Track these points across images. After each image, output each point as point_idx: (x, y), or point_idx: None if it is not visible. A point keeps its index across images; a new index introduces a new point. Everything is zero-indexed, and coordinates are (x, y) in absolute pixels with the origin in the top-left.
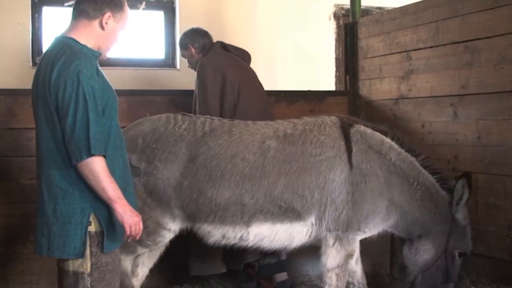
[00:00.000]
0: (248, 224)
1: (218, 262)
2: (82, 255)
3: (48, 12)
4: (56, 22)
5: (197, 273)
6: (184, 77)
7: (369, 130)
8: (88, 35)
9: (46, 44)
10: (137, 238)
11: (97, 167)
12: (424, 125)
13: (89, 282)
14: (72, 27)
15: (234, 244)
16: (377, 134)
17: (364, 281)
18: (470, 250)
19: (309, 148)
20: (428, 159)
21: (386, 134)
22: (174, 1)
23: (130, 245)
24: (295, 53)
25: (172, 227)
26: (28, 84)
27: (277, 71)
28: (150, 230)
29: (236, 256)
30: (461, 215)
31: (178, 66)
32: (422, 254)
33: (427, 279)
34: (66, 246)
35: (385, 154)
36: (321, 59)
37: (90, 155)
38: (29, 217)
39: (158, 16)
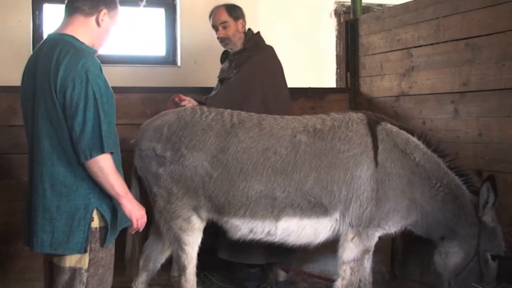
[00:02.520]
0: (277, 218)
1: (260, 253)
2: (84, 250)
3: (48, 9)
4: (56, 19)
5: (227, 258)
6: (184, 74)
7: (395, 128)
8: (84, 32)
9: None
10: (140, 230)
11: (106, 164)
12: (425, 122)
13: (85, 277)
14: (68, 24)
15: (260, 239)
16: (403, 132)
17: (371, 278)
18: (504, 251)
19: (338, 144)
20: (456, 161)
21: (413, 133)
22: None
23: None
24: (296, 50)
25: (200, 215)
26: None
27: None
28: (181, 218)
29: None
30: (489, 218)
31: (179, 63)
32: (451, 257)
33: (460, 283)
34: (69, 242)
35: (410, 153)
36: (322, 56)
37: (102, 153)
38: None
39: (159, 13)
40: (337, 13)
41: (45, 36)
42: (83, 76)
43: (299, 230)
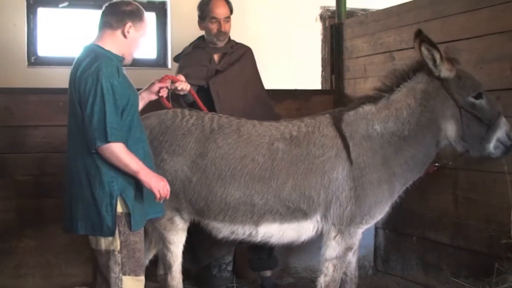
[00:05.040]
0: (257, 223)
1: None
2: (113, 233)
3: (42, 13)
4: (50, 23)
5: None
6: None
7: (352, 116)
8: (112, 43)
9: (41, 44)
10: (167, 198)
11: (116, 149)
12: None
13: (119, 258)
14: (99, 36)
15: (242, 239)
16: (359, 112)
17: (357, 273)
18: (480, 85)
19: (313, 150)
20: (390, 77)
21: (364, 103)
22: (165, 2)
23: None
24: (283, 53)
25: (183, 217)
26: (24, 83)
27: (265, 71)
28: (164, 218)
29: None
30: (445, 71)
31: (169, 66)
32: (450, 133)
33: (471, 142)
34: (102, 226)
35: (373, 131)
36: (308, 59)
37: (107, 142)
38: (25, 212)
39: (150, 17)
40: (322, 17)
41: (39, 39)
42: (94, 75)
43: (280, 233)
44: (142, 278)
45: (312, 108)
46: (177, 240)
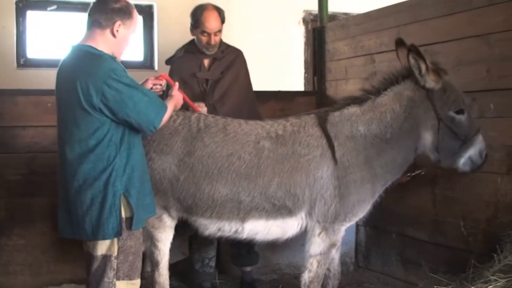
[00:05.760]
0: (243, 220)
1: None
2: (120, 233)
3: (31, 16)
4: (39, 25)
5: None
6: None
7: (337, 117)
8: (103, 43)
9: (30, 46)
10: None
11: (168, 113)
12: None
13: (115, 264)
14: (88, 36)
15: (228, 236)
16: (344, 113)
17: (339, 269)
18: (467, 103)
19: (299, 149)
20: (378, 81)
21: (349, 104)
22: (152, 6)
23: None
24: (267, 56)
25: (171, 214)
26: (13, 85)
27: (250, 73)
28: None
29: None
30: (431, 82)
31: (156, 68)
32: (426, 142)
33: (444, 153)
34: (106, 228)
35: (356, 132)
36: (291, 61)
37: (164, 114)
38: (14, 211)
39: None
40: (305, 21)
41: (28, 41)
42: (112, 74)
43: (265, 230)
44: (137, 281)
45: (295, 109)
46: (165, 238)
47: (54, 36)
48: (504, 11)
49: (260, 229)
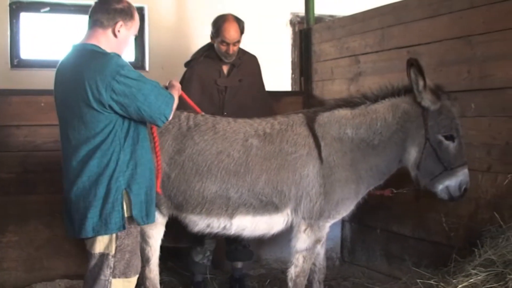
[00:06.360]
0: (232, 216)
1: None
2: (123, 227)
3: (25, 18)
4: (32, 27)
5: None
6: (152, 78)
7: (326, 118)
8: (105, 42)
9: (24, 47)
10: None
11: (175, 105)
12: None
13: (112, 262)
14: (90, 35)
15: (216, 232)
16: (334, 115)
17: (325, 263)
18: (457, 130)
19: (286, 147)
20: (376, 90)
21: (341, 106)
22: (143, 8)
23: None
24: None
25: (162, 211)
26: (7, 85)
27: None
28: None
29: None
30: (427, 101)
31: (147, 68)
32: (410, 157)
33: (423, 172)
34: (108, 223)
35: (344, 135)
36: (279, 62)
37: (172, 104)
38: (7, 208)
39: None
40: (292, 23)
41: (21, 42)
42: (119, 70)
43: (252, 225)
44: (133, 279)
45: (283, 108)
46: (156, 234)
47: (47, 38)
48: (485, 13)
49: (247, 225)
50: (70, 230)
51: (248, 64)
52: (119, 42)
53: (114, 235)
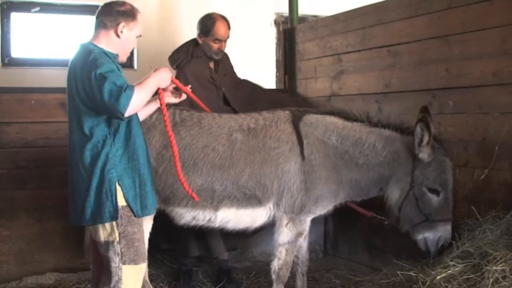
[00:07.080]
0: (216, 208)
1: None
2: (116, 217)
3: (15, 18)
4: (23, 26)
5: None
6: (141, 76)
7: (315, 119)
8: (107, 42)
9: (15, 46)
10: (169, 85)
11: (137, 97)
12: None
13: (119, 248)
14: (95, 35)
15: (202, 225)
16: (324, 119)
17: (307, 256)
18: (445, 186)
19: (269, 142)
20: (380, 115)
21: (333, 114)
22: None
23: None
24: (240, 56)
25: None
26: None
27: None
28: None
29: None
30: (424, 154)
31: (135, 67)
32: (391, 196)
33: (404, 217)
34: (102, 212)
35: (329, 140)
36: (263, 61)
37: (125, 106)
38: (0, 203)
39: None
40: (276, 23)
41: (12, 41)
42: (93, 65)
43: (236, 218)
44: (142, 266)
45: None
46: (144, 228)
47: (38, 37)
48: (462, 14)
49: (231, 217)
50: (73, 217)
51: (224, 59)
52: (123, 43)
53: (114, 223)
